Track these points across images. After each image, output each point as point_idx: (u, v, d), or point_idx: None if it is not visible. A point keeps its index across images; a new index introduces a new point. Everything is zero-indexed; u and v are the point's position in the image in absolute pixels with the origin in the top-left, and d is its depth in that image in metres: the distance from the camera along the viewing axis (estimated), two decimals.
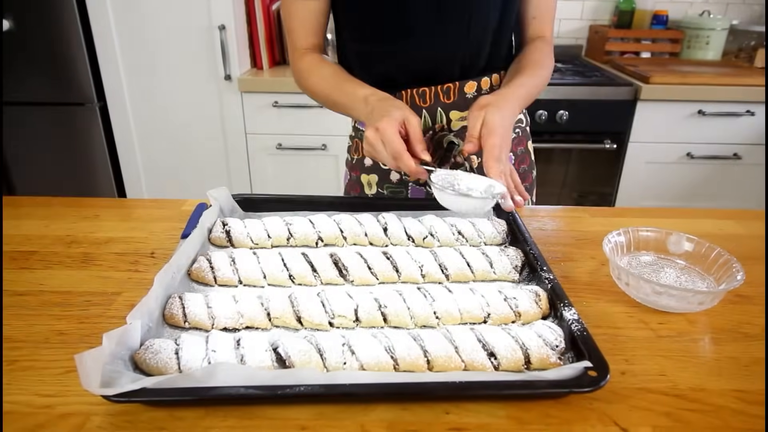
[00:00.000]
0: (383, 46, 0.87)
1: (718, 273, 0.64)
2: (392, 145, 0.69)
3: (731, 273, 0.61)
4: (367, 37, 0.88)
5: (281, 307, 0.58)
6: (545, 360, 0.51)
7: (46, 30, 1.88)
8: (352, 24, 0.88)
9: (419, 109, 0.90)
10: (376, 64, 0.89)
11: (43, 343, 0.56)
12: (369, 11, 0.85)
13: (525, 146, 1.01)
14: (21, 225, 0.81)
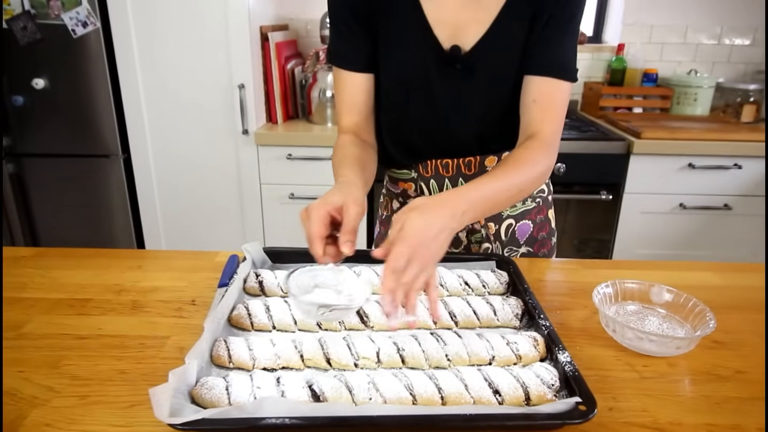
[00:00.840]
0: (410, 121, 0.98)
1: (694, 321, 0.73)
2: (309, 227, 0.68)
3: (705, 321, 0.70)
4: (395, 111, 0.98)
5: (312, 350, 0.67)
6: (542, 397, 0.59)
7: (77, 88, 2.03)
8: (385, 98, 0.98)
9: (442, 179, 1.00)
10: (402, 136, 1.00)
11: (108, 380, 0.65)
12: (398, 90, 0.95)
13: (545, 215, 1.08)
14: (74, 274, 0.91)
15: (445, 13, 0.88)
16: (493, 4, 0.87)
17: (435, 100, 0.94)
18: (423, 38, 0.89)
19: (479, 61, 0.89)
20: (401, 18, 0.90)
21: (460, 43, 0.89)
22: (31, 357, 0.69)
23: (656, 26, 2.52)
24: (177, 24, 1.95)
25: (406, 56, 0.92)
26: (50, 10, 1.91)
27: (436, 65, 0.91)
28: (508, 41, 0.88)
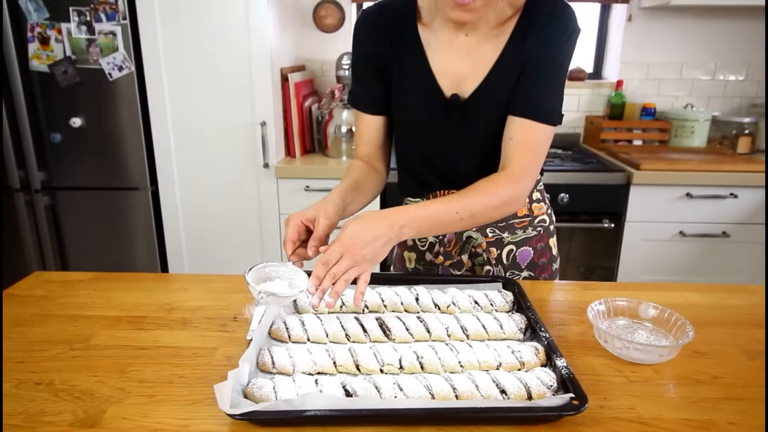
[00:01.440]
0: (419, 156, 1.11)
1: (677, 333, 0.83)
2: (286, 232, 0.89)
3: (685, 332, 0.80)
4: (407, 147, 1.13)
5: (344, 358, 0.78)
6: (542, 395, 0.70)
7: (111, 126, 2.19)
8: (398, 137, 1.13)
9: None
10: (413, 169, 1.13)
11: (169, 383, 0.76)
12: (409, 130, 1.10)
13: (546, 242, 1.18)
14: (128, 295, 1.03)
15: (447, 66, 1.02)
16: (487, 59, 0.99)
17: (439, 140, 1.07)
18: (428, 87, 1.03)
19: (476, 107, 1.02)
20: (411, 69, 1.04)
21: (460, 92, 1.02)
22: (101, 364, 0.80)
23: (653, 63, 2.66)
24: (205, 67, 2.11)
25: (415, 102, 1.05)
26: (89, 56, 2.08)
27: (439, 110, 1.04)
28: (501, 90, 0.99)
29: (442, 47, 1.01)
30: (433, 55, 1.02)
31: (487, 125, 1.02)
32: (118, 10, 2.02)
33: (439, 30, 1.01)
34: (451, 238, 1.14)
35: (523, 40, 0.96)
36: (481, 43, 1.00)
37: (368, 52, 1.06)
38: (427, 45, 1.02)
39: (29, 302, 1.00)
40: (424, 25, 1.03)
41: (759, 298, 1.03)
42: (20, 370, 0.79)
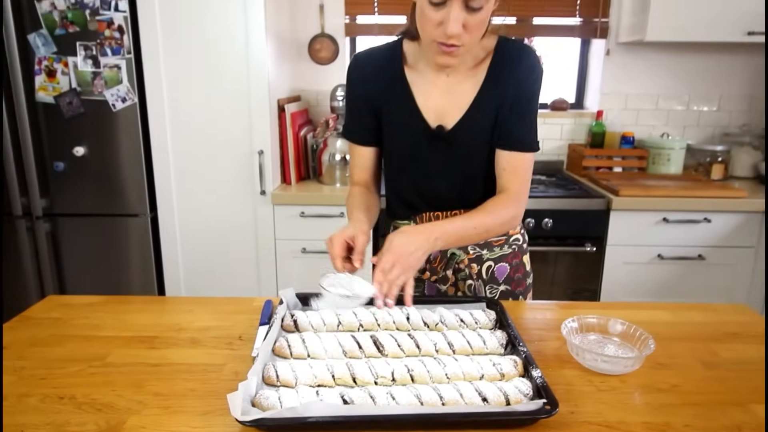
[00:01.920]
0: (407, 182, 1.24)
1: (641, 346, 0.92)
2: (332, 250, 1.02)
3: (647, 345, 0.89)
4: (396, 174, 1.26)
5: (341, 371, 0.86)
6: (519, 402, 0.78)
7: (113, 155, 2.27)
8: (387, 164, 1.26)
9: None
10: (402, 193, 1.26)
11: (183, 396, 0.84)
12: (398, 158, 1.23)
13: (520, 259, 1.29)
14: (138, 317, 1.10)
15: (431, 102, 1.16)
16: (467, 95, 1.14)
17: (425, 167, 1.20)
18: (416, 120, 1.16)
19: (459, 136, 1.15)
20: (399, 106, 1.17)
21: (444, 123, 1.15)
22: (118, 380, 0.88)
23: (631, 94, 2.81)
24: (205, 98, 2.21)
25: (403, 133, 1.19)
26: (94, 88, 2.18)
27: (426, 140, 1.17)
28: (480, 122, 1.14)
29: (426, 86, 1.16)
30: (419, 93, 1.16)
31: (468, 152, 1.17)
32: (123, 45, 2.13)
33: (423, 71, 1.16)
34: (436, 256, 1.26)
35: (497, 80, 1.12)
36: (461, 82, 1.14)
37: (361, 92, 1.20)
38: (413, 84, 1.16)
39: (46, 324, 1.08)
40: (409, 67, 1.17)
41: (719, 316, 1.13)
42: (43, 385, 0.86)
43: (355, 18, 2.75)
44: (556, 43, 2.94)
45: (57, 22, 2.11)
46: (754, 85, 2.78)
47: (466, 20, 0.97)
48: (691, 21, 2.36)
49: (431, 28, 1.00)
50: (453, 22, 0.95)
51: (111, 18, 2.11)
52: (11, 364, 0.92)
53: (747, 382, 0.89)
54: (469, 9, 0.96)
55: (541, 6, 2.70)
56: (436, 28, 0.99)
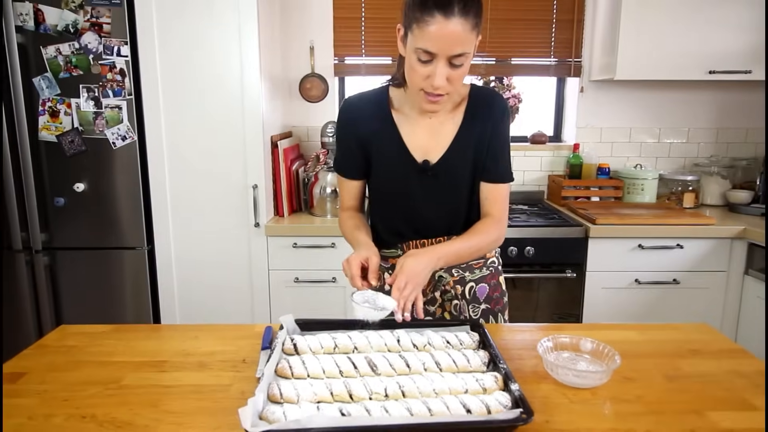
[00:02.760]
0: (395, 212, 1.38)
1: (609, 362, 1.02)
2: (351, 271, 1.16)
3: (614, 360, 0.99)
4: (385, 205, 1.39)
5: (339, 389, 0.95)
6: (499, 412, 0.87)
7: (113, 190, 2.36)
8: (377, 196, 1.40)
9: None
10: (390, 222, 1.39)
11: (195, 413, 0.92)
12: (387, 191, 1.36)
13: (497, 280, 1.45)
14: (148, 344, 1.18)
15: (417, 140, 1.32)
16: (448, 134, 1.31)
17: (413, 198, 1.34)
18: (404, 156, 1.32)
19: (442, 169, 1.31)
20: (387, 144, 1.32)
21: (429, 158, 1.31)
22: (135, 400, 0.96)
23: (605, 128, 2.97)
24: (202, 136, 2.32)
25: (392, 168, 1.34)
26: (95, 127, 2.28)
27: (413, 174, 1.32)
28: (461, 157, 1.31)
29: (412, 127, 1.32)
30: (405, 133, 1.32)
31: (451, 183, 1.32)
32: (124, 87, 2.24)
33: (409, 114, 1.33)
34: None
35: (473, 121, 1.30)
36: (442, 123, 1.32)
37: (352, 132, 1.35)
38: (400, 125, 1.32)
39: (62, 351, 1.15)
40: (396, 110, 1.33)
41: (683, 334, 1.24)
42: (66, 406, 0.94)
43: (344, 59, 2.90)
44: (534, 81, 3.11)
45: (62, 66, 2.22)
46: (720, 119, 2.96)
47: (449, 74, 1.12)
48: (656, 61, 2.54)
49: (419, 80, 1.15)
50: (439, 77, 1.11)
51: (113, 62, 2.23)
52: (35, 387, 0.99)
53: (704, 393, 0.99)
54: (452, 65, 1.11)
55: (519, 47, 2.88)
56: (424, 80, 1.14)
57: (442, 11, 1.05)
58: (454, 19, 1.06)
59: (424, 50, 1.09)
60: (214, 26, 2.24)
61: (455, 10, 1.06)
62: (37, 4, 2.18)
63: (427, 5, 1.07)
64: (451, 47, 1.08)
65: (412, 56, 1.13)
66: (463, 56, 1.10)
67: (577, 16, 2.85)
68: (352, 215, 1.40)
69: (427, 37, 1.08)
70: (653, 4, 2.50)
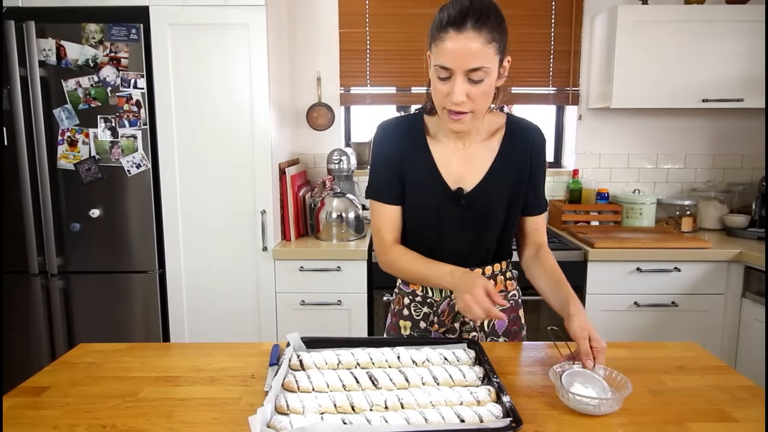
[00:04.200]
0: (422, 238, 1.38)
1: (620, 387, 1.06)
2: (483, 303, 1.13)
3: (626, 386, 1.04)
4: (414, 230, 1.39)
5: (342, 401, 1.01)
6: (491, 422, 0.93)
7: (126, 216, 2.46)
8: (406, 221, 1.39)
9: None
10: (416, 250, 1.37)
11: (208, 424, 0.98)
12: (418, 216, 1.37)
13: (517, 313, 1.47)
14: (162, 360, 1.25)
15: (451, 167, 1.33)
16: (483, 162, 1.33)
17: (445, 225, 1.34)
18: (437, 182, 1.33)
19: (476, 199, 1.32)
20: (422, 170, 1.34)
21: (463, 186, 1.32)
22: (152, 412, 1.03)
23: (603, 154, 3.06)
24: (213, 163, 2.43)
25: (426, 194, 1.34)
26: (111, 155, 2.39)
27: (445, 201, 1.33)
28: (496, 187, 1.32)
29: (446, 153, 1.34)
30: (439, 159, 1.33)
31: (484, 211, 1.33)
32: (140, 117, 2.36)
33: (443, 140, 1.34)
34: (444, 309, 1.40)
35: (511, 152, 1.33)
36: (476, 151, 1.33)
37: (388, 156, 1.35)
38: (434, 152, 1.34)
39: (81, 368, 1.23)
40: (431, 136, 1.35)
41: (670, 352, 1.30)
42: (87, 417, 1.01)
43: (349, 89, 3.02)
44: (533, 109, 3.20)
45: (81, 98, 2.34)
46: (716, 145, 3.04)
47: (469, 90, 1.15)
48: (650, 90, 2.64)
49: (441, 98, 1.19)
50: (457, 93, 1.14)
51: (130, 94, 2.35)
52: (59, 400, 1.06)
53: (686, 406, 1.04)
54: (471, 81, 1.14)
55: (519, 77, 2.99)
56: (445, 98, 1.17)
57: (455, 26, 1.10)
58: (466, 33, 1.10)
59: (441, 66, 1.14)
60: (226, 59, 2.36)
61: (468, 25, 1.10)
62: (59, 40, 2.31)
63: (442, 24, 1.12)
64: (465, 61, 1.11)
65: (434, 75, 1.17)
66: (481, 71, 1.12)
67: (573, 47, 2.96)
68: (404, 250, 1.36)
69: (442, 53, 1.13)
70: (646, 36, 2.61)
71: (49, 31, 2.31)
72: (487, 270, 1.40)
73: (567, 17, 2.95)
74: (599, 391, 1.05)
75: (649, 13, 2.63)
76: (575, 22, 2.95)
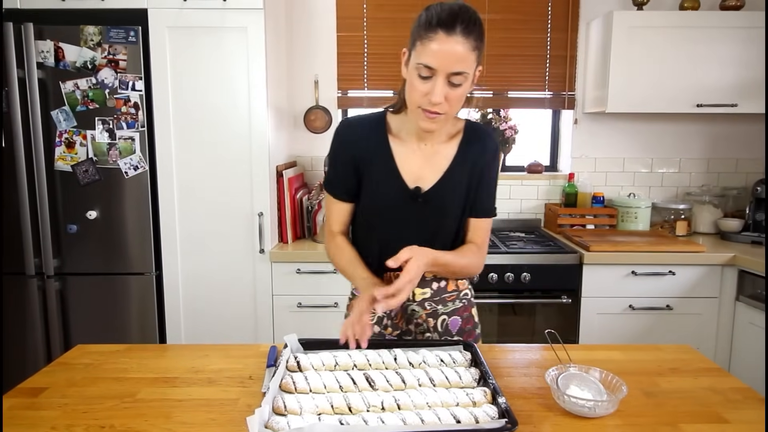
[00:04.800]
0: (379, 236, 1.38)
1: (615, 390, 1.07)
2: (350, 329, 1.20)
3: (620, 390, 1.05)
4: (371, 229, 1.40)
5: (339, 402, 1.02)
6: (486, 422, 0.94)
7: (123, 218, 2.45)
8: (363, 220, 1.41)
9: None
10: (372, 247, 1.40)
11: (205, 424, 0.99)
12: (376, 214, 1.38)
13: (470, 312, 1.48)
14: (160, 362, 1.26)
15: (410, 166, 1.34)
16: (442, 163, 1.35)
17: (401, 223, 1.36)
18: (396, 180, 1.34)
19: (433, 196, 1.34)
20: (382, 168, 1.34)
21: (421, 185, 1.34)
22: (149, 412, 1.03)
23: (599, 158, 3.07)
24: (211, 165, 2.43)
25: (384, 192, 1.35)
26: (109, 157, 2.39)
27: (403, 199, 1.34)
28: (453, 186, 1.35)
29: (407, 153, 1.35)
30: (400, 158, 1.35)
31: (440, 210, 1.36)
32: (137, 119, 2.36)
33: (405, 140, 1.35)
34: (397, 312, 1.43)
35: (466, 154, 1.36)
36: (436, 152, 1.35)
37: (348, 152, 1.36)
38: (395, 150, 1.35)
39: (79, 369, 1.23)
40: (393, 135, 1.36)
41: (664, 354, 1.31)
42: (85, 417, 1.01)
43: (347, 92, 3.04)
44: (530, 113, 3.22)
45: (79, 100, 2.34)
46: (710, 150, 3.06)
47: (447, 93, 1.16)
48: (645, 95, 2.66)
49: (418, 97, 1.19)
50: (438, 93, 1.15)
51: (128, 96, 2.35)
52: (56, 401, 1.07)
53: (679, 407, 1.06)
54: (450, 84, 1.16)
55: (515, 81, 3.01)
56: (423, 97, 1.18)
57: (445, 28, 1.12)
58: (455, 37, 1.12)
59: (426, 65, 1.14)
60: (224, 62, 2.37)
61: (457, 29, 1.12)
62: (58, 42, 2.31)
63: (431, 24, 1.13)
64: (451, 64, 1.13)
65: (413, 73, 1.18)
66: (462, 75, 1.15)
67: (569, 52, 2.98)
68: (343, 245, 1.41)
69: (428, 52, 1.13)
70: (641, 42, 2.63)
71: (47, 33, 2.31)
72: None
73: (563, 22, 2.97)
74: (595, 393, 1.06)
75: (644, 18, 2.65)
76: (571, 27, 2.97)
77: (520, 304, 2.53)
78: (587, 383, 1.09)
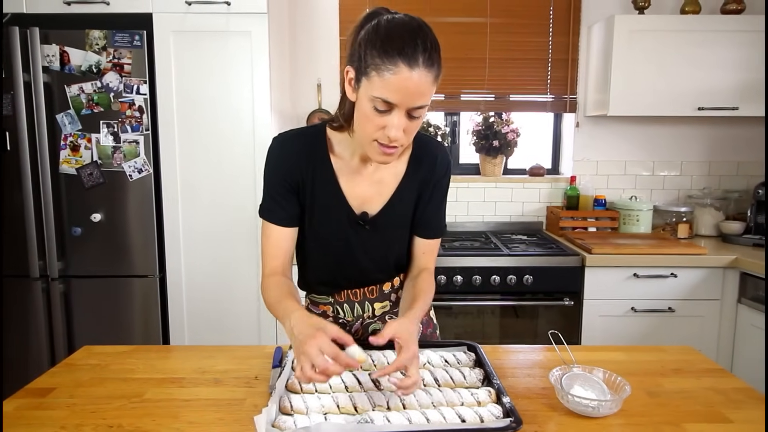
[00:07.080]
0: (330, 263, 1.31)
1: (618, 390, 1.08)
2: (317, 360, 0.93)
3: (624, 389, 1.06)
4: (319, 256, 1.31)
5: (345, 402, 1.03)
6: (491, 422, 0.95)
7: (127, 220, 2.47)
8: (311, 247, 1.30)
9: (353, 303, 1.34)
10: (323, 273, 1.33)
11: (213, 424, 1.00)
12: (323, 241, 1.28)
13: (428, 315, 1.45)
14: (166, 362, 1.27)
15: (356, 189, 1.23)
16: (390, 185, 1.25)
17: (349, 248, 1.27)
18: (341, 206, 1.23)
19: (381, 221, 1.25)
20: (324, 191, 1.22)
21: (368, 210, 1.24)
22: (157, 412, 1.04)
23: (601, 161, 3.09)
24: (215, 168, 2.45)
25: (328, 218, 1.24)
26: (113, 160, 2.41)
27: (350, 224, 1.25)
28: (401, 210, 1.27)
29: (352, 175, 1.22)
30: (344, 180, 1.22)
31: (390, 235, 1.29)
32: (142, 123, 2.38)
33: (349, 160, 1.22)
34: (358, 329, 1.38)
35: (416, 173, 1.26)
36: (384, 173, 1.24)
37: (284, 173, 1.20)
38: (339, 172, 1.22)
39: (86, 369, 1.24)
40: (335, 154, 1.21)
41: (667, 355, 1.32)
42: (94, 417, 1.02)
43: None
44: (531, 116, 3.24)
45: (84, 103, 2.36)
46: (712, 153, 3.07)
47: (406, 125, 1.04)
48: (647, 98, 2.67)
49: (373, 130, 1.05)
50: (396, 128, 1.02)
51: (132, 100, 2.37)
52: (65, 401, 1.08)
53: (682, 407, 1.06)
54: (410, 117, 1.03)
55: (517, 85, 3.03)
56: (378, 131, 1.04)
57: (407, 62, 0.97)
58: (418, 70, 0.97)
59: (384, 100, 1.00)
60: (228, 66, 2.39)
61: (420, 62, 0.97)
62: (63, 46, 2.33)
63: (388, 53, 0.98)
64: (412, 99, 1.00)
65: (367, 104, 1.02)
66: (422, 108, 1.03)
67: (571, 55, 3.00)
68: (280, 282, 1.19)
69: (387, 86, 0.98)
70: (642, 45, 2.64)
71: (53, 37, 2.33)
72: (395, 281, 1.38)
73: (565, 26, 2.99)
74: (598, 393, 1.07)
75: (645, 22, 2.66)
76: (573, 31, 2.99)
77: (522, 307, 2.54)
78: (591, 383, 1.10)
